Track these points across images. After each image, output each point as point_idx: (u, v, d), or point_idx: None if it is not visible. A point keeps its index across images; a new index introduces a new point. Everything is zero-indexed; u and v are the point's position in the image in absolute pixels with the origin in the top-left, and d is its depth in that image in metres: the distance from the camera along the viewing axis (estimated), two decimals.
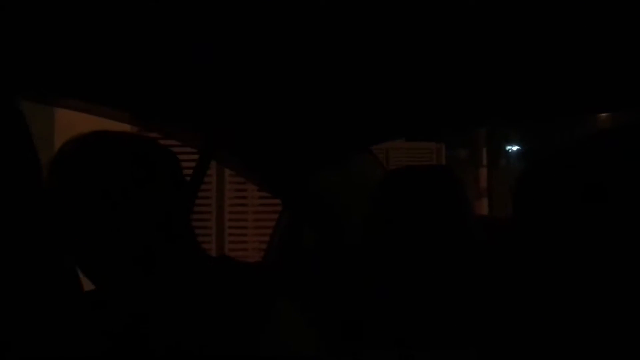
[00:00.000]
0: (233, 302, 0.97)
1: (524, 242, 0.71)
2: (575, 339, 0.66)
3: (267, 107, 1.50)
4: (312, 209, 1.81)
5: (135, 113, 1.51)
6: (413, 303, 1.38)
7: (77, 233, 0.95)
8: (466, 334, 1.30)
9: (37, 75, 1.17)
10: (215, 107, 1.49)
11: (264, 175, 1.81)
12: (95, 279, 0.99)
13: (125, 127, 1.53)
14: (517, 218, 0.76)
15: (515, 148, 11.77)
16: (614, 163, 0.66)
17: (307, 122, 1.60)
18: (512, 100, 1.53)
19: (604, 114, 4.24)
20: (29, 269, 0.74)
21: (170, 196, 1.00)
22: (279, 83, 1.39)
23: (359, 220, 1.62)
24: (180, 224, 1.03)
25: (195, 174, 1.57)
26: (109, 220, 0.95)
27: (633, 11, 1.03)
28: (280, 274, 1.61)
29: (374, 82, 1.39)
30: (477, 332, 1.27)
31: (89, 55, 1.16)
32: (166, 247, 0.99)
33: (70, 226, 0.93)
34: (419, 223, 1.38)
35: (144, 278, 0.99)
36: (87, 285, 0.95)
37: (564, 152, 0.73)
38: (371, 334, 1.37)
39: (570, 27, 1.10)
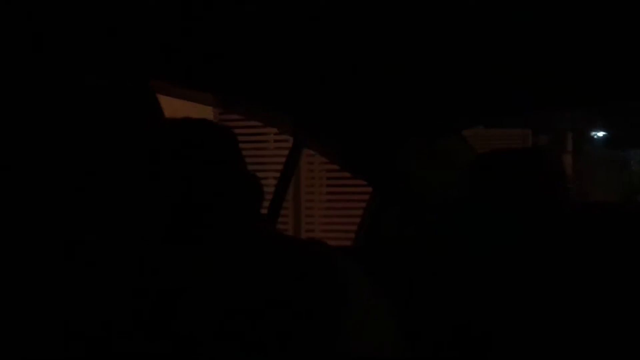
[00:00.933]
0: (305, 286, 0.95)
1: None
2: None
3: (357, 90, 1.50)
4: (401, 191, 1.81)
5: (225, 95, 1.53)
6: (504, 291, 1.36)
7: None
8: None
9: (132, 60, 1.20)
10: (306, 92, 1.51)
11: (354, 160, 1.82)
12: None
13: (208, 110, 1.54)
14: None
15: (600, 134, 11.26)
16: None
17: (398, 104, 1.59)
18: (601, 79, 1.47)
19: None
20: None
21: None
22: (370, 64, 1.38)
23: (448, 202, 1.60)
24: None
25: (289, 159, 1.60)
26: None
27: None
28: (365, 260, 1.60)
29: (465, 62, 1.36)
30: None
31: (181, 37, 1.18)
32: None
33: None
34: (516, 206, 1.35)
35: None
36: None
37: None
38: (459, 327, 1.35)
39: None
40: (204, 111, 1.10)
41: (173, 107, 1.12)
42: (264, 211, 1.20)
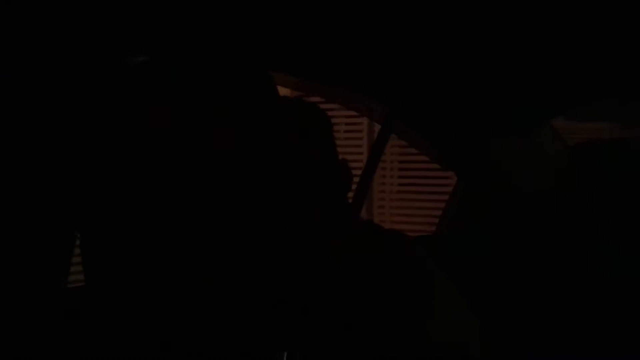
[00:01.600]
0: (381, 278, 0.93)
1: None
2: None
3: (445, 75, 1.47)
4: (488, 180, 1.77)
5: (308, 75, 1.52)
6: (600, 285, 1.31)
7: None
8: None
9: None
10: (393, 77, 1.49)
11: (439, 147, 1.79)
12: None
13: (286, 91, 1.54)
14: None
15: None
16: None
17: (486, 90, 1.55)
18: None
19: None
20: None
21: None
22: (459, 49, 1.35)
23: (538, 195, 1.55)
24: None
25: (376, 144, 1.60)
26: None
27: None
28: (446, 250, 1.58)
29: (557, 46, 1.31)
30: None
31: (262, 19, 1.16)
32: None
33: None
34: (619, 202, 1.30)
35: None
36: None
37: None
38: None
39: None
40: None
41: None
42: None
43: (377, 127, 4.32)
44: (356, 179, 4.83)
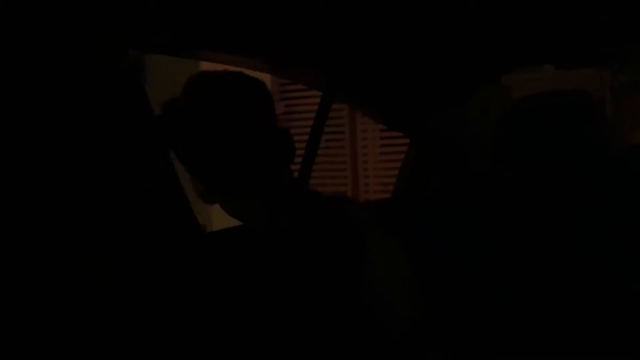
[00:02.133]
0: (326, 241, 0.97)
1: None
2: None
3: (386, 35, 1.45)
4: (438, 142, 1.76)
5: (270, 60, 1.52)
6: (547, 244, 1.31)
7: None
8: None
9: (185, 30, 1.20)
10: (334, 44, 1.47)
11: (387, 111, 1.78)
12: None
13: (266, 78, 1.54)
14: None
15: None
16: None
17: (431, 50, 1.53)
18: None
19: None
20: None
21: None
22: (398, 6, 1.33)
23: (486, 153, 1.54)
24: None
25: (318, 114, 1.58)
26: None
27: None
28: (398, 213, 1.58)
29: None
30: None
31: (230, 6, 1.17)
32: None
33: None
34: (557, 156, 1.30)
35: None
36: None
37: None
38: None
39: None
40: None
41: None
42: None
43: (360, 119, 4.33)
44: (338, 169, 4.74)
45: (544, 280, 1.30)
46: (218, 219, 1.12)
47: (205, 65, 1.41)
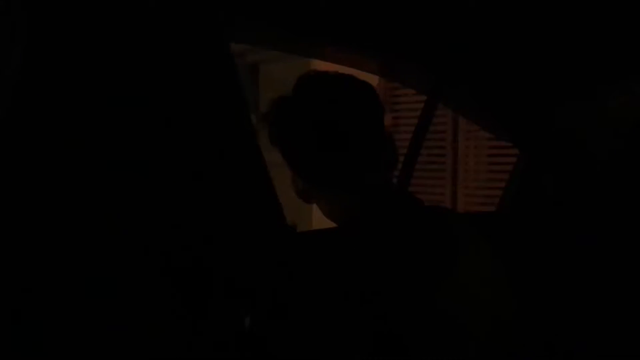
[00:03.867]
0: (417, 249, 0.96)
1: None
2: None
3: (497, 29, 1.37)
4: (556, 151, 1.63)
5: (381, 56, 1.48)
6: None
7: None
8: None
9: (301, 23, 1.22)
10: (441, 39, 1.41)
11: (497, 116, 1.67)
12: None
13: (373, 79, 1.51)
14: None
15: None
16: None
17: (548, 47, 1.42)
18: None
19: None
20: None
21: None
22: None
23: (615, 165, 1.43)
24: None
25: (423, 115, 1.51)
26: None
27: None
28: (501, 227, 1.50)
29: None
30: None
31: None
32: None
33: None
34: None
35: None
36: None
37: None
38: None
39: None
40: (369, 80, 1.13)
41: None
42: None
43: (464, 128, 4.23)
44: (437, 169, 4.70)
45: None
46: (318, 221, 1.12)
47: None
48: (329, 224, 1.07)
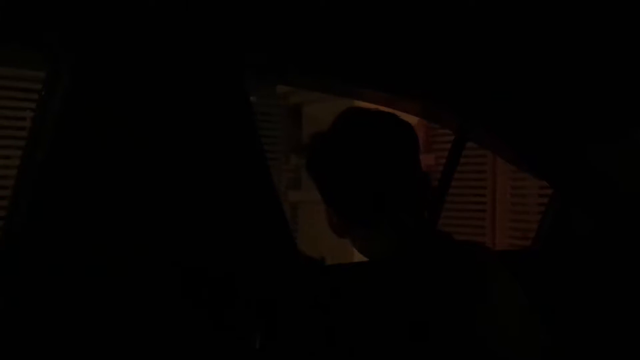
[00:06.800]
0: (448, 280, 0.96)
1: None
2: None
3: (527, 72, 1.38)
4: (588, 190, 1.62)
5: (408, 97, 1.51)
6: None
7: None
8: None
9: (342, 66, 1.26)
10: (470, 80, 1.43)
11: (529, 155, 1.68)
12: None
13: (414, 120, 1.54)
14: None
15: None
16: None
17: (579, 88, 1.43)
18: None
19: None
20: None
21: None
22: (544, 43, 1.27)
23: None
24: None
25: (451, 155, 1.53)
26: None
27: None
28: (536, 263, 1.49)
29: None
30: None
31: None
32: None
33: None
34: None
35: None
36: None
37: None
38: None
39: None
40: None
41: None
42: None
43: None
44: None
45: None
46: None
47: None
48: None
